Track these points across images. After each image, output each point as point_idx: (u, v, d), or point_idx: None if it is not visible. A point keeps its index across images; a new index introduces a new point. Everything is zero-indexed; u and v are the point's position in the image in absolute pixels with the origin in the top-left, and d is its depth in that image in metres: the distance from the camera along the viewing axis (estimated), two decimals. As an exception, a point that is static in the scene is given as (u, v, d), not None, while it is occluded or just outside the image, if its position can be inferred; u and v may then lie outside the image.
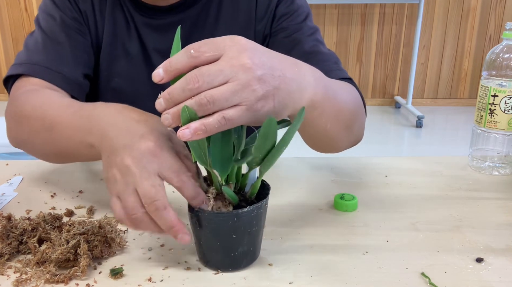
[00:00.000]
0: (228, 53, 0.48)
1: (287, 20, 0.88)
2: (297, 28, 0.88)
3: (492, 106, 0.81)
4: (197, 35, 0.89)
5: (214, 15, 0.89)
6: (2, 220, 0.60)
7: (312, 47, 0.85)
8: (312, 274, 0.55)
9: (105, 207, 0.71)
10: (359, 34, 3.99)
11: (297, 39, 0.86)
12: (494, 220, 0.68)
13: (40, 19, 0.86)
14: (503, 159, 0.84)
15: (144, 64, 0.90)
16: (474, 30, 3.93)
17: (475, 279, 0.54)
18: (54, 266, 0.54)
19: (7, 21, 3.99)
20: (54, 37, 0.84)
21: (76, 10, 0.87)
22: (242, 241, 0.54)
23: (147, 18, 0.88)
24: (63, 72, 0.81)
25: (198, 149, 0.50)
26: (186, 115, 0.47)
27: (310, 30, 0.88)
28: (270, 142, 0.49)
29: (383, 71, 4.09)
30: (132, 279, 0.54)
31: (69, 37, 0.85)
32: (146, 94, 0.89)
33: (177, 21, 0.88)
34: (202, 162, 0.51)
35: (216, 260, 0.55)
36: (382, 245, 0.61)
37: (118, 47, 0.90)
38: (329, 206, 0.71)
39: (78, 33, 0.86)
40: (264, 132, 0.48)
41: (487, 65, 0.82)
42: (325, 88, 0.58)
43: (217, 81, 0.47)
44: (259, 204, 0.53)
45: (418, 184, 0.80)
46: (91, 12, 0.88)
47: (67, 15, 0.86)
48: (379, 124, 3.69)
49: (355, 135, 0.74)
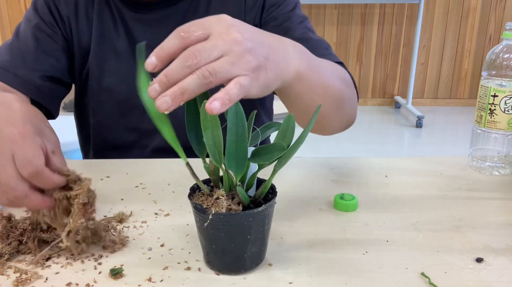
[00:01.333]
0: (217, 29, 0.49)
1: (276, 10, 0.90)
2: (286, 17, 0.90)
3: (492, 106, 0.81)
4: None
5: (204, 8, 0.91)
6: (2, 220, 0.60)
7: (302, 34, 0.87)
8: (312, 274, 0.55)
9: (105, 207, 0.71)
10: (359, 34, 3.99)
11: (287, 27, 0.88)
12: (494, 220, 0.68)
13: (20, 24, 0.91)
14: (503, 159, 0.84)
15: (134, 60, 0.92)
16: (474, 30, 3.93)
17: (475, 279, 0.54)
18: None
19: (7, 21, 3.99)
20: (23, 41, 0.88)
21: (55, 16, 0.90)
22: (255, 241, 0.53)
23: (136, 13, 0.90)
24: (19, 74, 0.85)
25: (213, 148, 0.50)
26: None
27: (300, 19, 0.90)
28: (288, 138, 0.50)
29: (383, 71, 4.09)
30: (132, 279, 0.54)
31: (37, 41, 0.88)
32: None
33: (166, 15, 0.90)
34: (217, 162, 0.51)
35: (227, 262, 0.54)
36: (382, 245, 0.61)
37: (107, 47, 0.92)
38: (329, 206, 0.71)
39: (49, 38, 0.89)
40: (283, 129, 0.50)
41: (487, 65, 0.82)
42: (308, 60, 0.60)
43: (213, 56, 0.48)
44: (271, 202, 0.53)
45: (418, 184, 0.80)
46: (73, 16, 0.91)
47: (44, 19, 0.90)
48: (379, 124, 3.69)
49: (347, 115, 0.75)
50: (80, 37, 0.91)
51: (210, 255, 0.55)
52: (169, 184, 0.79)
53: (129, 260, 0.58)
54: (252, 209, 0.52)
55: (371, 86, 4.13)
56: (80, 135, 1.07)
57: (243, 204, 0.53)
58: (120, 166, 0.87)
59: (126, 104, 0.93)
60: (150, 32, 0.90)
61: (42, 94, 0.87)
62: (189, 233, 0.64)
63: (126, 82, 0.92)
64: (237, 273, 0.54)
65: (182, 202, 0.73)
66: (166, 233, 0.64)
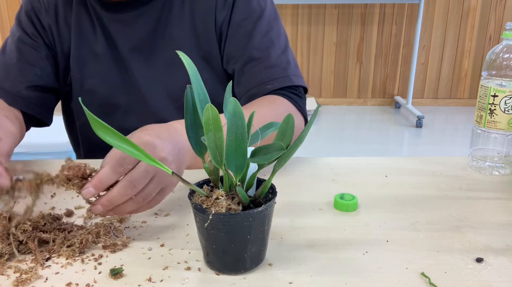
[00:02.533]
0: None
1: (243, 16, 0.91)
2: (251, 27, 0.90)
3: (492, 106, 0.81)
4: (163, 26, 0.92)
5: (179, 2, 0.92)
6: (2, 220, 0.60)
7: (262, 52, 0.89)
8: (312, 274, 0.55)
9: (105, 207, 0.71)
10: (359, 34, 3.99)
11: (251, 37, 0.90)
12: (494, 220, 0.68)
13: (7, 40, 0.95)
14: (503, 159, 0.84)
15: (113, 60, 0.93)
16: (474, 30, 3.93)
17: (475, 279, 0.54)
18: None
19: (7, 21, 3.99)
20: (8, 55, 0.92)
21: (37, 26, 0.93)
22: (255, 241, 0.53)
23: (113, 13, 0.91)
24: (4, 87, 0.89)
25: (214, 149, 0.50)
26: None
27: (264, 29, 0.91)
28: (288, 139, 0.51)
29: (383, 71, 4.09)
30: (132, 279, 0.54)
31: (20, 53, 0.91)
32: (118, 89, 0.95)
33: (142, 13, 0.91)
34: (217, 163, 0.51)
35: (227, 262, 0.54)
36: (382, 245, 0.61)
37: (86, 49, 0.93)
38: (329, 206, 0.71)
39: (32, 48, 0.92)
40: (283, 129, 0.51)
41: (487, 65, 0.82)
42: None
43: (147, 179, 0.58)
44: (270, 202, 0.53)
45: (418, 184, 0.80)
46: (54, 24, 0.93)
47: (27, 31, 0.92)
48: (379, 124, 3.69)
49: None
50: (62, 43, 0.93)
51: (210, 255, 0.55)
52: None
53: (129, 260, 0.58)
54: (252, 209, 0.52)
55: (371, 86, 4.13)
56: (70, 137, 1.08)
57: (243, 204, 0.53)
58: (120, 166, 0.87)
59: (108, 104, 0.94)
60: (127, 32, 0.91)
61: (29, 104, 0.90)
62: (189, 233, 0.64)
63: (106, 83, 0.94)
64: (237, 273, 0.54)
65: (182, 202, 0.73)
66: (166, 233, 0.64)
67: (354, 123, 3.71)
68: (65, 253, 0.58)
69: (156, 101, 0.94)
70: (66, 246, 0.59)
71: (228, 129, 0.50)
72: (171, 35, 0.91)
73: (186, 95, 0.55)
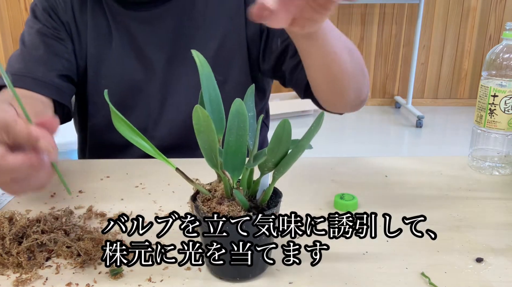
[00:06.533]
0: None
1: None
2: None
3: (492, 106, 0.81)
4: (188, 24, 0.91)
5: (202, 4, 0.90)
6: (4, 221, 0.60)
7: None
8: (312, 274, 0.55)
9: (105, 207, 0.71)
10: (359, 34, 3.98)
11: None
12: (494, 220, 0.68)
13: (24, 33, 0.91)
14: (503, 159, 0.84)
15: (134, 57, 0.92)
16: (474, 30, 3.93)
17: (475, 279, 0.54)
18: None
19: (7, 21, 3.99)
20: (32, 47, 0.88)
21: (57, 22, 0.91)
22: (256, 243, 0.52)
23: (133, 11, 0.90)
24: (37, 77, 0.84)
25: (209, 151, 0.49)
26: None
27: None
28: (285, 145, 0.48)
29: (383, 71, 4.09)
30: (132, 279, 0.54)
31: (46, 43, 0.88)
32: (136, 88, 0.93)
33: (163, 12, 0.90)
34: (213, 165, 0.50)
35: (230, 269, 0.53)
36: (382, 245, 0.61)
37: (102, 49, 0.92)
38: (329, 206, 0.71)
39: (56, 40, 0.90)
40: (278, 134, 0.47)
41: (487, 65, 0.82)
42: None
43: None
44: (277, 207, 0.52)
45: (418, 184, 0.80)
46: (73, 22, 0.92)
47: (47, 25, 0.90)
48: (379, 124, 3.69)
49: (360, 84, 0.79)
50: (80, 41, 0.92)
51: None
52: (169, 184, 0.79)
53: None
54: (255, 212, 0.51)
55: (371, 86, 4.13)
56: (79, 137, 1.07)
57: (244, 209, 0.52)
58: (120, 166, 0.87)
59: (122, 105, 0.93)
60: (148, 30, 0.90)
61: (63, 94, 0.88)
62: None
63: (121, 83, 0.92)
64: (238, 274, 0.54)
65: (182, 202, 0.73)
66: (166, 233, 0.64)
67: (354, 123, 3.71)
68: (65, 253, 0.58)
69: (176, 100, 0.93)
70: (66, 246, 0.59)
71: (228, 129, 0.50)
72: (194, 34, 0.90)
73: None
